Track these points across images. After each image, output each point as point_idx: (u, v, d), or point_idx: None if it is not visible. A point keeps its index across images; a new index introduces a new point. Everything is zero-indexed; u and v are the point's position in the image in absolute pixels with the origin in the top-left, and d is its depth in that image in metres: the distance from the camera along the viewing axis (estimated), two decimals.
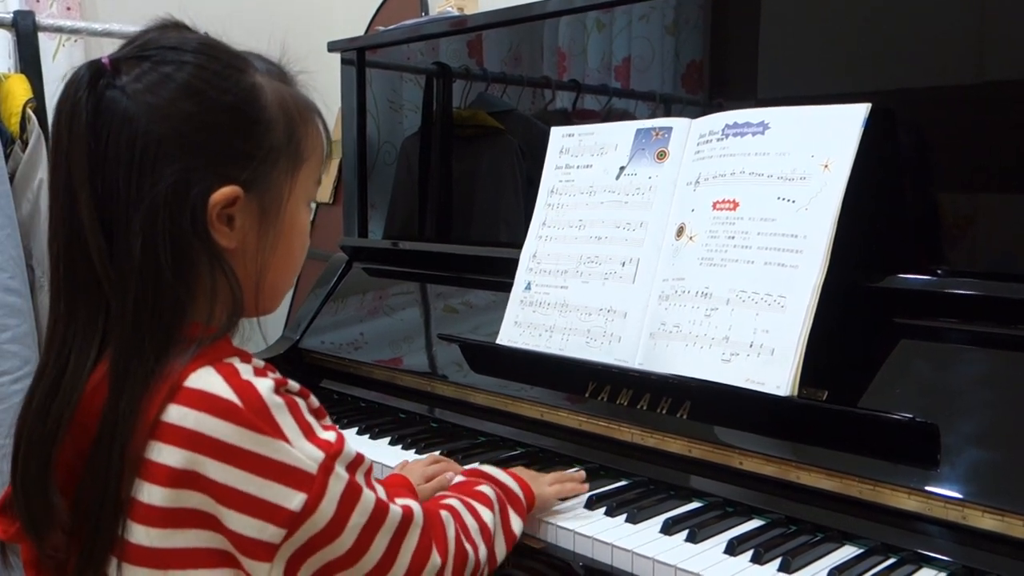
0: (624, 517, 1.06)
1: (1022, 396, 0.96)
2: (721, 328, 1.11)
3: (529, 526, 1.05)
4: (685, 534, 1.01)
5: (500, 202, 1.67)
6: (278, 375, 0.77)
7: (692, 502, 1.11)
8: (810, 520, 1.02)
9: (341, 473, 0.75)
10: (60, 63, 2.19)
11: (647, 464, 1.18)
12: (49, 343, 0.78)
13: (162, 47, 0.77)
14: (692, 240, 1.18)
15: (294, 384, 0.77)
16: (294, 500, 0.72)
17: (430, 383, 1.49)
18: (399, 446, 1.35)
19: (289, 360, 1.71)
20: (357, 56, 1.86)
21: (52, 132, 0.77)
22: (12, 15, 1.93)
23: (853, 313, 1.11)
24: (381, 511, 0.78)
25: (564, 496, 1.08)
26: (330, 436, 0.76)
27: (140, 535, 0.72)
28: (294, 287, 2.45)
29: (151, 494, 0.72)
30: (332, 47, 1.90)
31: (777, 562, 0.94)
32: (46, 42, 2.11)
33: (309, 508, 0.72)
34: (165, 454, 0.71)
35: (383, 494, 0.79)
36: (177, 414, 0.72)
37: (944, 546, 0.93)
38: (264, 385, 0.73)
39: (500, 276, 1.45)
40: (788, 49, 1.27)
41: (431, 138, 1.78)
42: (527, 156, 1.60)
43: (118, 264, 0.74)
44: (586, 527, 1.04)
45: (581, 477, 1.13)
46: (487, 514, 0.93)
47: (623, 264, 1.27)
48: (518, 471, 1.07)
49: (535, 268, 1.38)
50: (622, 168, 1.32)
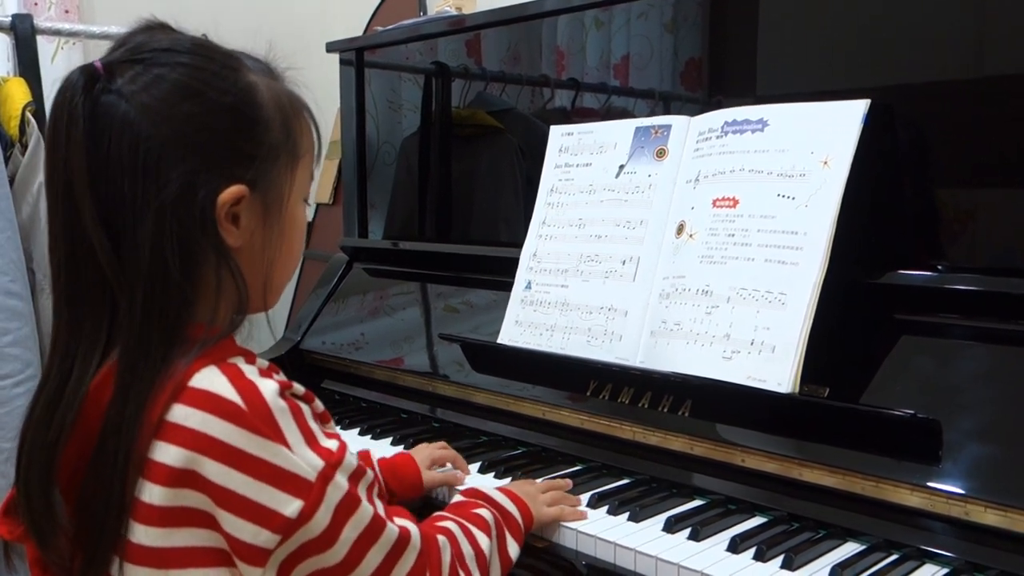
0: (626, 515, 1.06)
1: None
2: (722, 326, 1.11)
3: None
4: (687, 532, 1.01)
5: (500, 201, 1.67)
6: (283, 377, 0.77)
7: (694, 500, 1.11)
8: (812, 517, 1.02)
9: (341, 483, 0.74)
10: (59, 66, 2.19)
11: (649, 462, 1.18)
12: (53, 350, 0.78)
13: (155, 49, 0.76)
14: (692, 238, 1.18)
15: (299, 387, 0.77)
16: (290, 506, 0.71)
17: (431, 383, 1.49)
18: (401, 446, 1.35)
19: (290, 361, 1.71)
20: (356, 56, 1.86)
21: (48, 139, 0.76)
22: (10, 18, 1.93)
23: (854, 309, 1.11)
24: (377, 526, 0.77)
25: (562, 520, 1.05)
26: (332, 445, 0.76)
27: (140, 534, 0.72)
28: (295, 288, 2.45)
29: (151, 493, 0.72)
30: (331, 47, 1.90)
31: (780, 559, 0.94)
32: (44, 45, 2.11)
33: (305, 516, 0.72)
34: (166, 453, 0.71)
35: (382, 510, 0.79)
36: (181, 413, 0.72)
37: (947, 542, 0.93)
38: (269, 388, 0.73)
39: (500, 275, 1.45)
40: (787, 46, 1.27)
41: (430, 138, 1.78)
42: (526, 155, 1.60)
43: (125, 267, 0.74)
44: (589, 526, 1.04)
45: (568, 484, 1.12)
46: (484, 540, 0.92)
47: (623, 262, 1.27)
48: (517, 488, 1.05)
49: (535, 267, 1.38)
50: (622, 166, 1.32)
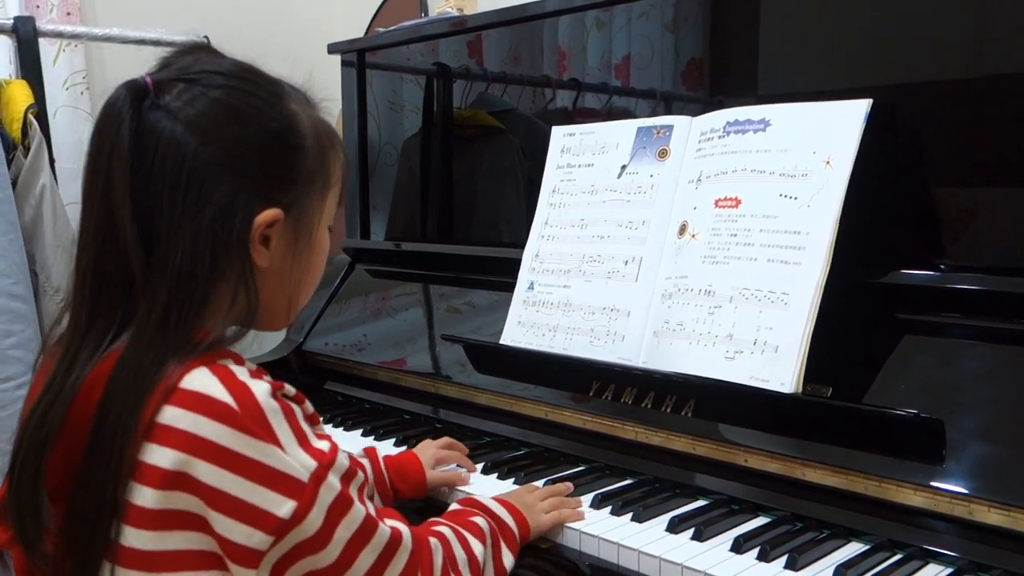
0: (630, 516, 1.06)
1: None
2: (724, 326, 1.11)
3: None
4: (691, 532, 1.00)
5: (502, 202, 1.67)
6: (271, 379, 0.77)
7: (697, 500, 1.11)
8: (816, 517, 1.02)
9: (333, 483, 0.75)
10: (61, 68, 2.19)
11: (652, 463, 1.18)
12: (64, 353, 0.78)
13: (205, 71, 0.78)
14: (695, 238, 1.18)
15: (290, 388, 0.77)
16: (283, 507, 0.72)
17: (434, 384, 1.49)
18: (404, 447, 1.35)
19: (293, 362, 1.72)
20: (357, 57, 1.86)
21: (91, 149, 0.78)
22: (12, 21, 1.93)
23: (856, 309, 1.10)
24: (370, 527, 0.78)
25: (560, 523, 1.05)
26: (324, 445, 0.76)
27: (132, 538, 0.72)
28: None
29: (143, 496, 0.72)
30: (332, 49, 1.90)
31: (783, 559, 0.94)
32: (46, 48, 2.12)
33: (298, 516, 0.72)
34: (158, 455, 0.71)
35: (373, 511, 0.79)
36: (172, 415, 0.72)
37: (950, 542, 0.93)
38: (261, 388, 0.73)
39: (503, 276, 1.45)
40: (789, 45, 1.27)
41: (432, 139, 1.78)
42: (528, 156, 1.60)
43: (155, 278, 0.75)
44: (592, 526, 1.04)
45: (568, 488, 1.12)
46: (478, 547, 0.92)
47: (626, 263, 1.27)
48: (515, 498, 1.05)
49: (538, 268, 1.38)
50: (624, 167, 1.32)
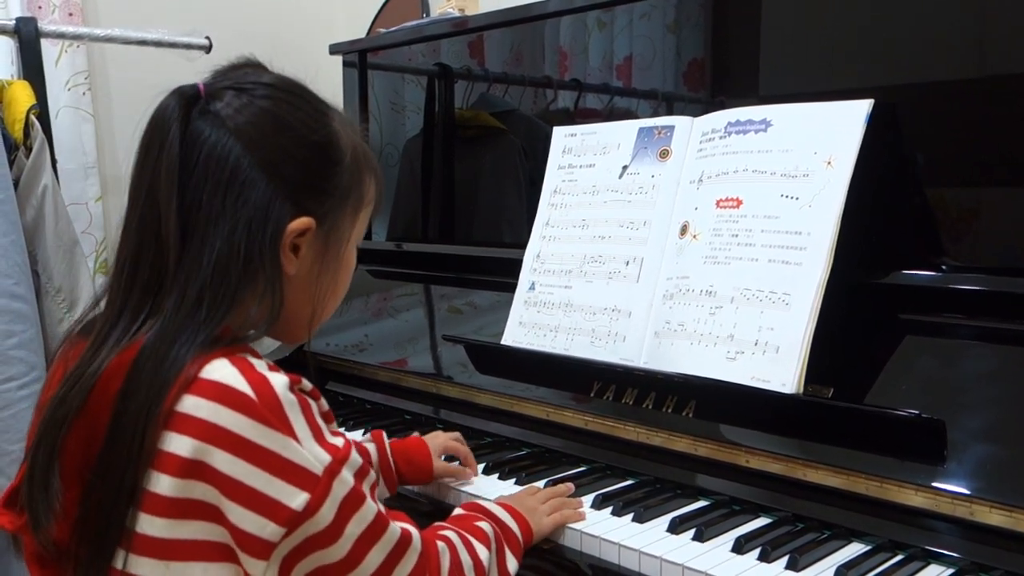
0: (631, 516, 1.06)
1: None
2: (726, 326, 1.11)
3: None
4: (692, 533, 1.00)
5: (503, 202, 1.67)
6: (287, 373, 0.77)
7: (698, 501, 1.11)
8: (817, 517, 1.02)
9: (347, 478, 0.75)
10: (63, 69, 2.19)
11: (653, 463, 1.18)
12: (95, 337, 0.80)
13: (256, 82, 0.82)
14: (696, 238, 1.18)
15: (307, 383, 0.78)
16: (297, 499, 0.72)
17: (435, 384, 1.49)
18: None
19: (294, 362, 1.71)
20: (359, 58, 1.87)
21: (141, 147, 0.81)
22: (14, 22, 1.93)
23: (858, 310, 1.10)
24: (380, 525, 0.78)
25: (562, 525, 1.06)
26: (338, 441, 0.77)
27: (147, 525, 0.73)
28: None
29: (160, 484, 0.72)
30: (334, 49, 1.90)
31: (784, 560, 0.94)
32: (48, 48, 2.12)
33: (311, 509, 0.73)
34: (176, 443, 0.72)
35: (384, 511, 0.80)
36: (192, 404, 0.73)
37: (952, 542, 0.93)
38: (279, 381, 0.74)
39: (504, 276, 1.45)
40: (790, 46, 1.27)
41: (433, 139, 1.78)
42: (529, 156, 1.60)
43: (186, 273, 0.78)
44: (593, 527, 1.04)
45: (569, 489, 1.12)
46: (483, 552, 0.92)
47: (627, 263, 1.27)
48: (518, 502, 1.05)
49: (539, 268, 1.38)
50: (625, 167, 1.32)
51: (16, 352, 1.72)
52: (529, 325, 1.36)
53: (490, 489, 1.17)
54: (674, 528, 1.02)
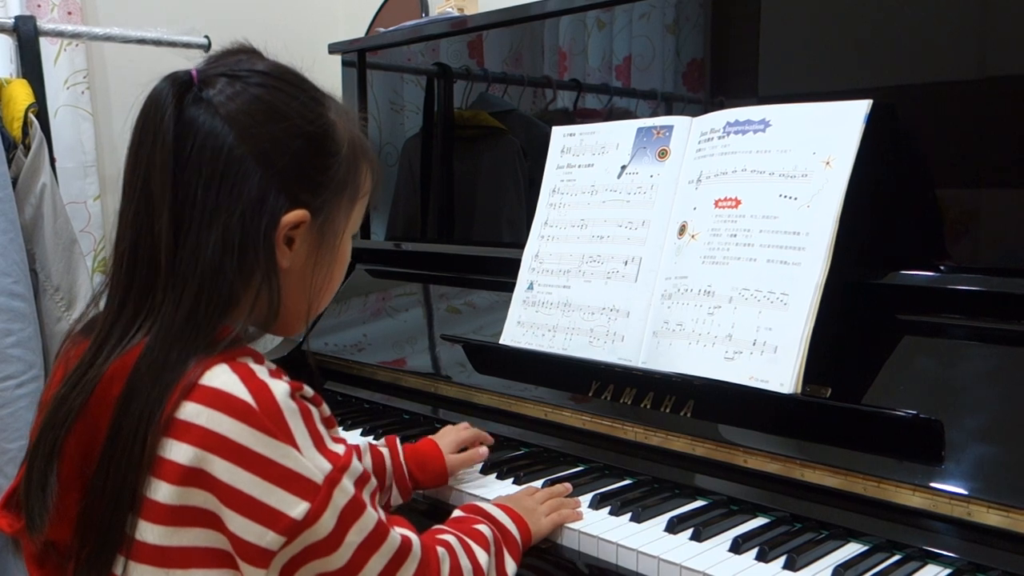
0: (629, 516, 1.06)
1: None
2: (724, 326, 1.11)
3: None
4: (690, 532, 1.01)
5: (502, 202, 1.67)
6: (290, 379, 0.77)
7: (696, 500, 1.11)
8: (815, 517, 1.02)
9: (347, 487, 0.75)
10: (61, 67, 2.19)
11: (651, 463, 1.18)
12: (94, 339, 0.79)
13: (251, 70, 0.80)
14: (694, 238, 1.19)
15: (309, 390, 0.78)
16: (297, 508, 0.72)
17: (434, 384, 1.49)
18: None
19: (293, 362, 1.72)
20: (358, 58, 1.87)
21: (133, 138, 0.79)
22: (13, 20, 1.93)
23: (856, 310, 1.11)
24: (381, 533, 0.78)
25: (560, 525, 1.06)
26: (339, 449, 0.76)
27: (147, 533, 0.72)
28: None
29: (159, 491, 0.72)
30: (333, 49, 1.90)
31: (782, 560, 0.94)
32: (47, 47, 2.12)
33: (311, 518, 0.72)
34: (176, 451, 0.71)
35: (385, 518, 0.79)
36: (191, 411, 0.72)
37: (949, 542, 0.93)
38: (280, 389, 0.74)
39: (502, 276, 1.45)
40: (789, 46, 1.27)
41: (432, 139, 1.78)
42: (528, 156, 1.61)
43: (182, 267, 0.76)
44: (591, 526, 1.04)
45: (567, 489, 1.12)
46: (482, 556, 0.92)
47: (625, 263, 1.27)
48: (516, 503, 1.05)
49: (537, 268, 1.38)
50: (624, 167, 1.32)
51: (14, 351, 1.72)
52: (528, 325, 1.36)
53: (488, 489, 1.17)
54: (672, 528, 1.02)
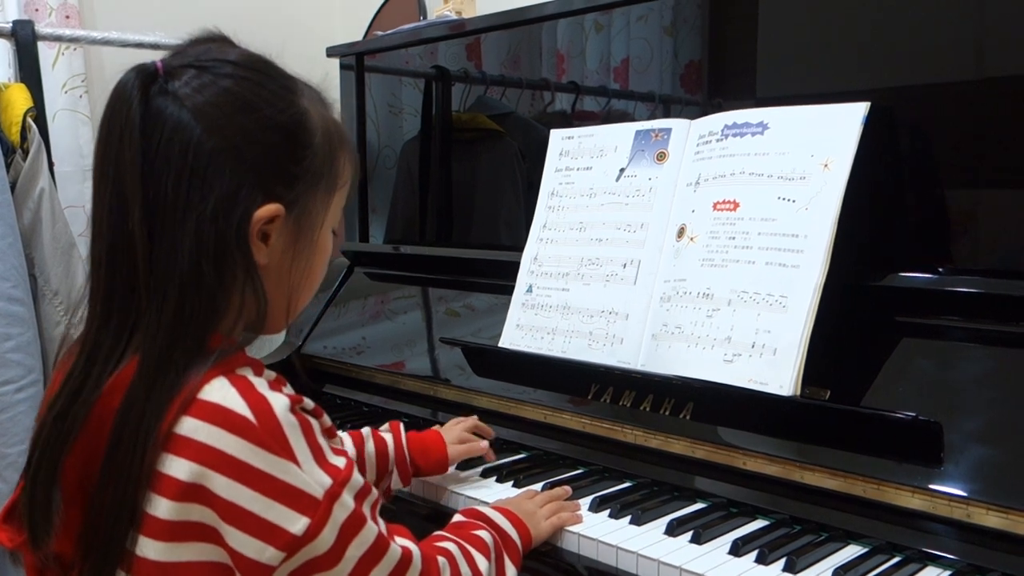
0: (628, 519, 1.06)
1: None
2: (723, 329, 1.11)
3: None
4: (689, 535, 1.01)
5: (500, 205, 1.67)
6: (291, 391, 0.76)
7: (696, 503, 1.11)
8: (814, 520, 1.02)
9: (347, 501, 0.74)
10: (60, 72, 2.19)
11: (651, 465, 1.18)
12: (82, 346, 0.78)
13: (217, 59, 0.77)
14: (693, 241, 1.19)
15: (309, 402, 0.77)
16: (297, 524, 0.71)
17: (433, 387, 1.49)
18: None
19: (292, 365, 1.72)
20: (356, 61, 1.87)
21: (100, 133, 0.76)
22: (11, 24, 1.93)
23: (855, 312, 1.11)
24: (381, 546, 0.78)
25: (559, 528, 1.06)
26: (340, 462, 0.76)
27: (147, 549, 0.72)
28: None
29: (159, 507, 0.71)
30: (331, 52, 1.90)
31: (782, 562, 0.94)
32: (45, 51, 2.12)
33: (311, 534, 0.72)
34: (175, 466, 0.71)
35: (385, 530, 0.79)
36: (191, 426, 0.71)
37: (949, 544, 0.93)
38: (280, 403, 0.73)
39: (501, 279, 1.45)
40: (787, 48, 1.27)
41: (431, 142, 1.78)
42: (527, 159, 1.61)
43: (160, 269, 0.74)
44: (591, 529, 1.04)
45: (567, 492, 1.12)
46: (483, 563, 0.92)
47: (624, 266, 1.27)
48: (516, 507, 1.04)
49: (536, 271, 1.38)
50: (622, 170, 1.32)
51: (13, 355, 1.72)
52: (527, 328, 1.36)
53: (488, 491, 1.17)
54: (672, 530, 1.02)
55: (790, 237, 1.09)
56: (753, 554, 0.96)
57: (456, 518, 1.01)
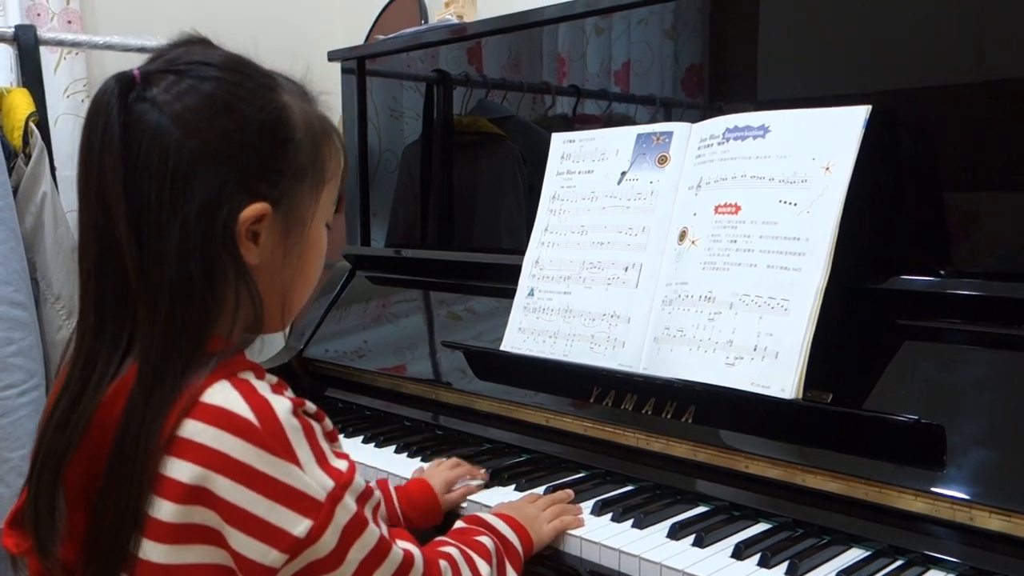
0: (631, 522, 1.06)
1: None
2: (725, 332, 1.11)
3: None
4: (692, 539, 1.00)
5: (502, 208, 1.67)
6: (292, 394, 0.77)
7: (698, 506, 1.11)
8: (817, 523, 1.02)
9: (349, 504, 0.75)
10: (62, 76, 2.20)
11: (653, 469, 1.18)
12: (76, 355, 0.78)
13: (192, 62, 0.77)
14: (694, 244, 1.19)
15: (311, 405, 0.77)
16: (299, 526, 0.71)
17: (434, 390, 1.49)
18: (404, 454, 1.35)
19: (294, 369, 1.72)
20: (357, 65, 1.87)
21: (82, 144, 0.77)
22: (13, 29, 1.94)
23: (856, 315, 1.11)
24: (383, 549, 0.78)
25: (562, 532, 1.05)
26: (342, 465, 0.76)
27: (150, 551, 0.72)
28: None
29: (162, 510, 0.71)
30: (332, 56, 1.91)
31: (784, 566, 0.94)
32: (47, 56, 2.12)
33: (313, 536, 0.72)
34: (178, 469, 0.71)
35: (387, 533, 0.79)
36: (193, 429, 0.71)
37: (951, 547, 0.93)
38: (282, 406, 0.73)
39: (503, 283, 1.45)
40: (788, 52, 1.27)
41: (432, 145, 1.78)
42: (528, 162, 1.61)
43: (150, 277, 0.74)
44: (593, 533, 1.04)
45: (569, 496, 1.12)
46: (484, 568, 0.92)
47: (626, 269, 1.27)
48: (518, 512, 1.04)
49: (538, 274, 1.38)
50: (623, 173, 1.32)
51: (15, 359, 1.72)
52: (528, 331, 1.36)
53: (490, 495, 1.17)
54: (674, 534, 1.02)
55: (791, 240, 1.09)
56: (756, 557, 0.96)
57: (457, 524, 1.01)
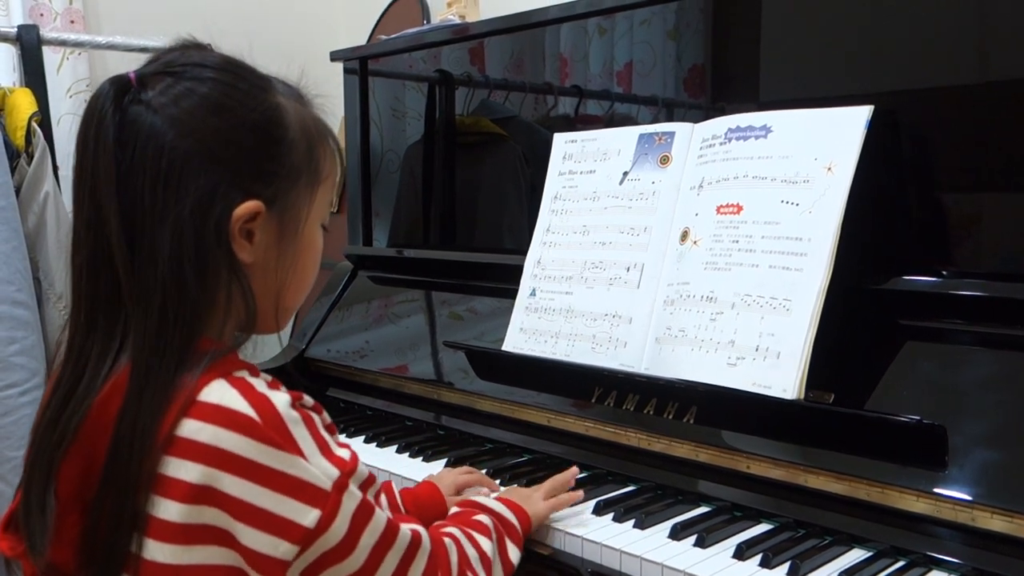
0: (632, 522, 1.06)
1: None
2: (727, 332, 1.11)
3: (536, 533, 1.05)
4: (693, 539, 1.00)
5: (504, 209, 1.67)
6: (288, 390, 0.77)
7: (700, 507, 1.10)
8: (819, 524, 1.02)
9: (354, 491, 0.75)
10: (64, 76, 2.20)
11: (654, 469, 1.18)
12: (68, 354, 0.78)
13: (187, 64, 0.78)
14: (696, 244, 1.19)
15: (308, 399, 0.77)
16: (308, 516, 0.72)
17: (436, 390, 1.49)
18: (406, 454, 1.35)
19: (295, 369, 1.72)
20: (360, 65, 1.87)
21: (77, 144, 0.78)
22: (16, 29, 1.94)
23: (858, 315, 1.10)
24: (392, 531, 0.79)
25: (558, 509, 1.07)
26: (344, 454, 0.76)
27: (156, 552, 0.72)
28: None
29: (168, 510, 0.71)
30: (335, 56, 1.91)
31: (786, 566, 0.93)
32: (50, 55, 2.13)
33: (323, 525, 0.72)
34: (182, 469, 0.71)
35: (391, 515, 0.80)
36: (192, 428, 0.71)
37: (953, 548, 0.93)
38: (281, 399, 0.73)
39: (505, 283, 1.45)
40: (790, 52, 1.27)
41: (434, 146, 1.78)
42: (530, 162, 1.61)
43: (141, 275, 0.75)
44: (594, 533, 1.04)
45: (574, 474, 1.12)
46: (486, 544, 0.93)
47: (628, 269, 1.27)
48: (511, 492, 1.05)
49: (540, 274, 1.38)
50: (625, 173, 1.32)
51: (18, 359, 1.73)
52: (530, 331, 1.36)
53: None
54: (675, 534, 1.02)
55: (794, 240, 1.09)
56: (757, 558, 0.95)
57: (453, 509, 1.02)
